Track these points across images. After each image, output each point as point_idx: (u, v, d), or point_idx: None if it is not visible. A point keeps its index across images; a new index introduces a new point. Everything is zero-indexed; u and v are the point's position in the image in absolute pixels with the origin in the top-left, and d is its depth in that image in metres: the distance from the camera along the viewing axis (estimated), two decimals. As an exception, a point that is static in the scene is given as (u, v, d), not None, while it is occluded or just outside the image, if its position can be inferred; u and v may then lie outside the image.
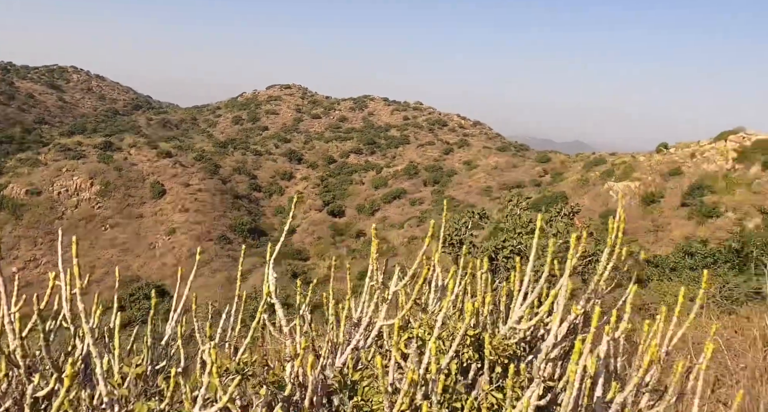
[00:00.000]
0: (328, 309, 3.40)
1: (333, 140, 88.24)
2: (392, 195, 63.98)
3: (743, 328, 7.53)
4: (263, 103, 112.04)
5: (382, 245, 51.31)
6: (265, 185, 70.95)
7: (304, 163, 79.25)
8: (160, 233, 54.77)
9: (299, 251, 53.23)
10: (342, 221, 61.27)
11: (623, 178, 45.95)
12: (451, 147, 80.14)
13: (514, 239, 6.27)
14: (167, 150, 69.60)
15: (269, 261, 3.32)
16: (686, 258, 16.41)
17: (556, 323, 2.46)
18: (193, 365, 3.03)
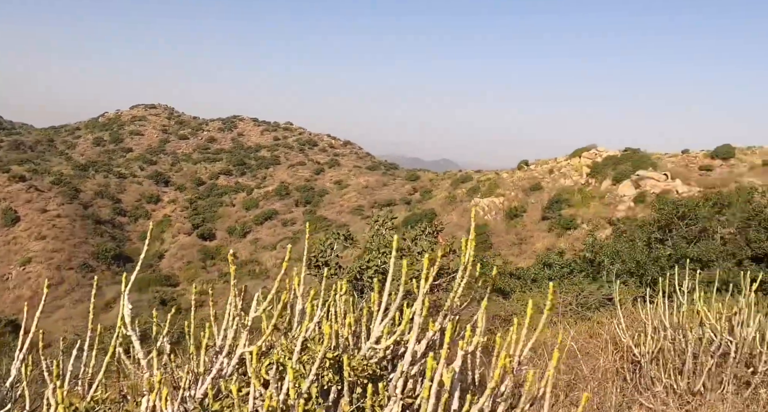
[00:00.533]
0: (190, 337, 3.32)
1: (201, 162, 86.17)
2: (264, 216, 63.25)
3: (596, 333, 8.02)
4: (127, 123, 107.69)
5: (254, 268, 50.29)
6: (131, 209, 68.03)
7: (171, 185, 76.83)
8: (13, 264, 51.12)
9: (168, 277, 51.36)
10: (212, 244, 59.80)
11: (488, 194, 47.85)
12: (322, 167, 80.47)
13: (378, 259, 6.38)
14: (20, 174, 65.24)
15: (124, 292, 3.22)
16: (545, 269, 17.31)
17: (412, 341, 2.53)
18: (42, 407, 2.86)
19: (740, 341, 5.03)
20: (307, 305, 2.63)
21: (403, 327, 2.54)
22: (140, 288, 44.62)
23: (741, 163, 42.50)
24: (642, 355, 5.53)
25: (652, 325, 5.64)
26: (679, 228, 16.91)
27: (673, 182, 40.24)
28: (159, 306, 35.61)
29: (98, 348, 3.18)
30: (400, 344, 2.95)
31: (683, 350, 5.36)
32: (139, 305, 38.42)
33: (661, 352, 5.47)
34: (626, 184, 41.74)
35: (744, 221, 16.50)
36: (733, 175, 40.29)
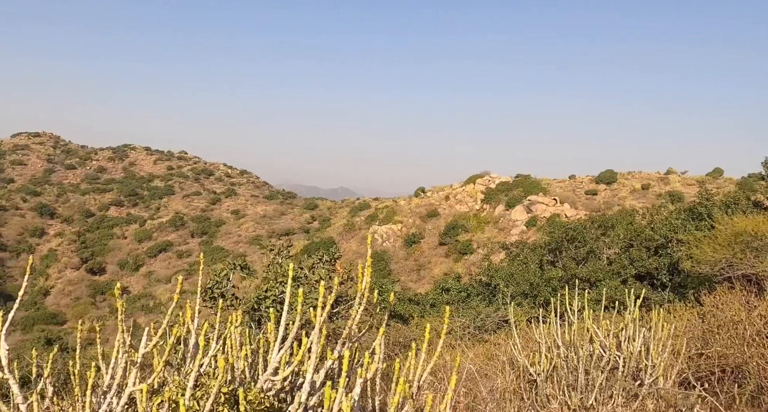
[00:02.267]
0: (75, 378, 3.15)
1: (90, 192, 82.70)
2: (158, 248, 61.25)
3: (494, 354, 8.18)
4: (8, 152, 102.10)
5: (148, 302, 48.53)
6: (12, 243, 64.20)
7: (57, 217, 73.15)
8: None
9: (54, 315, 48.70)
10: (103, 278, 57.29)
11: (386, 221, 48.31)
12: (219, 197, 78.99)
13: (276, 289, 6.28)
14: None
15: (1, 331, 3.03)
16: (443, 294, 17.59)
17: (310, 370, 2.49)
18: None
19: (627, 355, 5.25)
20: (200, 339, 2.55)
21: (300, 356, 2.50)
22: (24, 327, 42.13)
23: (623, 187, 45.00)
24: (537, 374, 5.68)
25: (546, 344, 5.80)
26: (568, 250, 17.62)
27: (562, 206, 42.02)
28: (44, 346, 33.62)
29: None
30: (299, 375, 2.91)
31: (575, 366, 5.54)
32: (22, 346, 36.20)
33: (555, 370, 5.63)
34: (518, 209, 43.22)
35: (627, 241, 17.42)
36: (616, 199, 42.59)
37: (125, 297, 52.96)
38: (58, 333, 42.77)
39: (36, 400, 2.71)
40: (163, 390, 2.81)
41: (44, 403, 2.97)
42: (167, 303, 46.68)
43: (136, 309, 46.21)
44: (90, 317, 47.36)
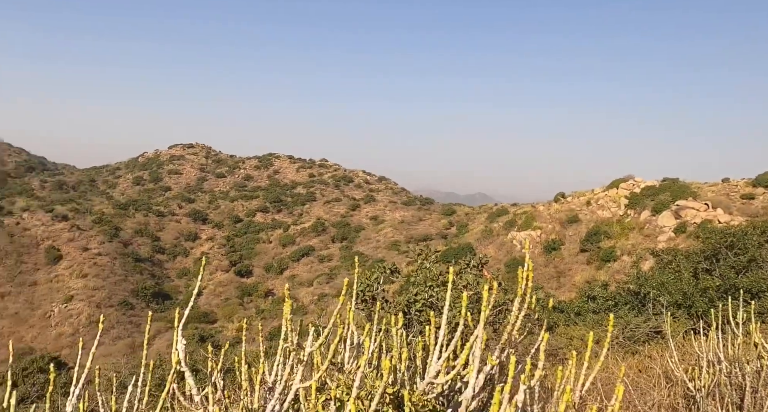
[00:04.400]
0: (241, 374, 3.29)
1: (239, 199, 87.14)
2: (300, 253, 63.47)
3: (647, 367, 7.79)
4: (165, 162, 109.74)
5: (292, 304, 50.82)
6: (169, 247, 68.90)
7: (209, 223, 77.72)
8: (56, 301, 51.93)
9: (206, 314, 51.66)
10: (250, 280, 60.11)
11: (525, 227, 47.43)
12: (358, 203, 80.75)
13: (425, 292, 6.30)
14: (63, 213, 66.73)
15: (177, 328, 3.21)
16: (589, 302, 16.97)
17: (473, 375, 2.47)
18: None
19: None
20: (363, 340, 2.59)
21: (462, 360, 2.48)
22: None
23: (786, 191, 41.58)
24: (697, 389, 5.35)
25: (706, 358, 5.47)
26: (726, 258, 16.47)
27: (715, 211, 39.45)
28: (198, 342, 35.73)
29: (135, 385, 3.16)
30: (455, 380, 2.89)
31: (741, 384, 5.18)
32: (178, 342, 38.71)
33: (718, 386, 5.30)
34: (666, 214, 41.03)
35: (794, 250, 16.05)
36: (777, 204, 39.42)
37: (270, 299, 55.26)
38: (210, 331, 45.36)
39: (210, 391, 2.85)
40: (326, 389, 2.88)
41: (216, 395, 3.12)
42: (309, 306, 48.30)
43: (280, 311, 48.02)
44: (238, 317, 49.87)
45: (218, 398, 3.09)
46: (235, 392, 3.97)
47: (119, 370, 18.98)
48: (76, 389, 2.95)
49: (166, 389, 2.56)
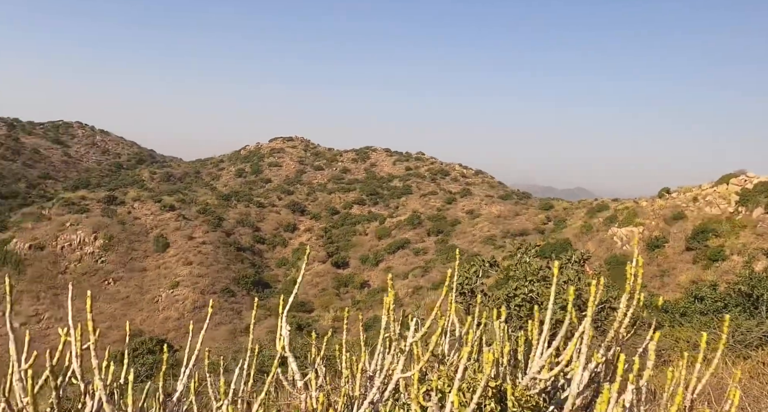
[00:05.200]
0: (341, 362, 3.33)
1: (336, 191, 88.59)
2: (396, 245, 63.86)
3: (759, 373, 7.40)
4: (266, 155, 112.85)
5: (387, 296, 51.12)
6: (269, 237, 70.92)
7: (307, 214, 79.41)
8: (163, 287, 54.48)
9: (303, 303, 52.86)
10: (346, 272, 61.04)
11: (626, 223, 45.91)
12: (454, 196, 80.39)
13: (525, 287, 6.19)
14: (171, 203, 69.87)
15: (282, 315, 3.28)
16: (696, 303, 16.24)
17: (579, 372, 2.40)
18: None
19: None
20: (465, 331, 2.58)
21: (568, 356, 2.42)
22: (277, 313, 46.11)
23: None
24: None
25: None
26: None
27: (837, 211, 36.93)
28: (295, 331, 36.62)
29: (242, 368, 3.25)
30: (557, 376, 2.83)
31: None
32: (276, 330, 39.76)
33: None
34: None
35: None
36: None
37: (365, 291, 55.94)
38: (306, 320, 46.40)
39: (313, 377, 2.90)
40: (426, 380, 2.88)
41: (318, 380, 3.17)
42: (404, 298, 48.54)
43: (375, 302, 48.60)
44: (334, 307, 50.78)
45: (320, 384, 3.15)
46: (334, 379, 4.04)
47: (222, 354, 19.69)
48: (186, 369, 3.07)
49: (271, 373, 2.63)
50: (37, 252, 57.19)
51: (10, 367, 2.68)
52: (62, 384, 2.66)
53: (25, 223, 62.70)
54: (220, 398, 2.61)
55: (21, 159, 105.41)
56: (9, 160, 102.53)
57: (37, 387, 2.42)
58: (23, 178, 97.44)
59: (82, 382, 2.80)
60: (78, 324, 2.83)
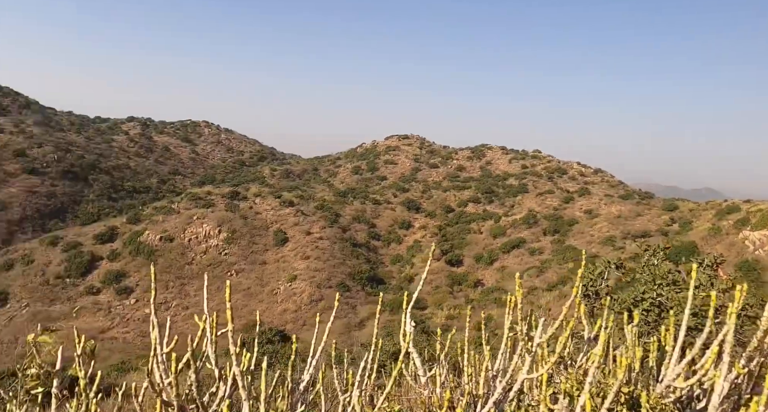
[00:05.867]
0: (463, 360, 3.32)
1: (451, 189, 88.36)
2: (511, 245, 62.95)
3: None
4: (382, 153, 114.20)
5: (500, 296, 50.02)
6: (384, 234, 71.75)
7: (422, 212, 79.67)
8: (281, 280, 56.30)
9: (417, 300, 52.83)
10: (460, 270, 60.77)
11: (760, 226, 43.15)
12: (572, 196, 78.31)
13: (653, 291, 5.92)
14: (290, 199, 72.12)
15: (406, 311, 3.31)
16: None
17: (719, 382, 2.28)
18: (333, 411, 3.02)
19: None
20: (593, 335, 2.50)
21: (709, 364, 2.30)
22: (392, 309, 46.62)
23: None
24: None
25: None
26: None
27: None
28: (408, 328, 36.86)
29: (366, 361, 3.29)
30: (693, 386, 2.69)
31: None
32: (391, 325, 40.16)
33: None
34: None
35: None
36: None
37: (479, 290, 55.49)
38: (420, 317, 46.59)
39: (438, 373, 2.91)
40: (553, 382, 2.82)
41: (442, 378, 3.17)
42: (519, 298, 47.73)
43: (489, 301, 48.10)
44: (447, 305, 50.69)
45: (443, 381, 3.15)
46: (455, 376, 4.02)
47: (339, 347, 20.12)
48: (313, 360, 3.15)
49: (396, 367, 2.65)
50: (167, 243, 60.59)
51: (153, 350, 2.85)
52: (200, 368, 2.80)
53: (157, 216, 66.61)
54: (347, 389, 2.66)
55: (153, 156, 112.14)
56: (142, 157, 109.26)
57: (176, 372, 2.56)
58: (155, 174, 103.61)
59: (216, 367, 2.94)
60: (213, 312, 2.97)
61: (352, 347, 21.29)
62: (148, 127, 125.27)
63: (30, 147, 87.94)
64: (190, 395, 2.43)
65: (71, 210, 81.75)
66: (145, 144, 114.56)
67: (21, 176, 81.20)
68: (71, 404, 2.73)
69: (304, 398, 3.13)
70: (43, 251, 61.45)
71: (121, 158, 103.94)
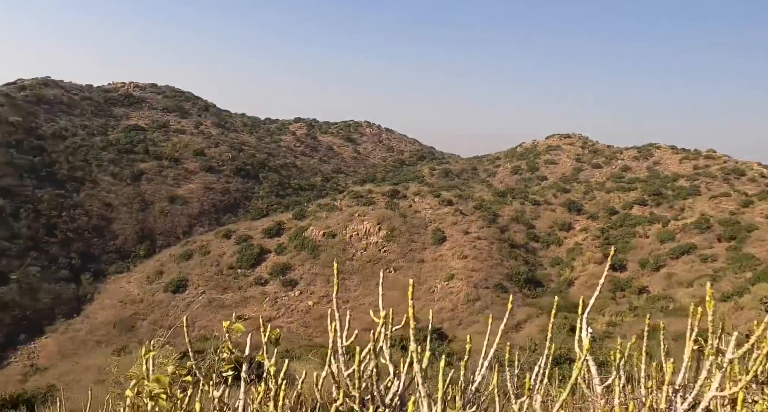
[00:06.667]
0: (640, 371, 3.19)
1: (615, 191, 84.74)
2: (680, 250, 59.33)
3: None
4: (542, 153, 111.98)
5: (667, 304, 47.41)
6: (543, 235, 70.20)
7: (583, 213, 77.04)
8: (438, 278, 56.72)
9: (576, 305, 51.42)
10: (623, 275, 58.15)
11: None
12: (751, 199, 72.43)
13: None
14: (448, 199, 72.46)
15: (582, 315, 3.23)
16: None
17: None
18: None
19: None
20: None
21: None
22: (549, 312, 45.55)
23: None
24: None
25: None
26: None
27: None
28: (568, 333, 35.86)
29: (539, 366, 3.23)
30: None
31: None
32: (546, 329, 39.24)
33: None
34: None
35: None
36: None
37: (644, 297, 52.81)
38: (579, 323, 45.09)
39: (616, 383, 2.81)
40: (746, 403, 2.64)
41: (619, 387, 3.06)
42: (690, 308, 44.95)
43: (654, 310, 45.66)
44: (609, 311, 48.71)
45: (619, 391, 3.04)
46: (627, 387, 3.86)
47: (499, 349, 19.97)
48: (485, 361, 3.15)
49: (574, 374, 2.59)
50: (329, 239, 63.01)
51: (331, 343, 2.97)
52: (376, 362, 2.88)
53: (320, 212, 69.48)
54: (522, 393, 2.64)
55: (317, 155, 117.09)
56: (308, 156, 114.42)
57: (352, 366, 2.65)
58: (319, 173, 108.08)
59: (391, 363, 3.01)
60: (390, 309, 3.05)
61: (510, 349, 21.03)
62: (313, 128, 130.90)
63: (208, 147, 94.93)
64: (370, 389, 2.51)
65: (243, 205, 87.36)
66: (311, 144, 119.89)
67: (199, 174, 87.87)
68: (258, 388, 2.90)
69: (476, 398, 3.13)
70: (217, 243, 66.14)
71: (288, 157, 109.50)
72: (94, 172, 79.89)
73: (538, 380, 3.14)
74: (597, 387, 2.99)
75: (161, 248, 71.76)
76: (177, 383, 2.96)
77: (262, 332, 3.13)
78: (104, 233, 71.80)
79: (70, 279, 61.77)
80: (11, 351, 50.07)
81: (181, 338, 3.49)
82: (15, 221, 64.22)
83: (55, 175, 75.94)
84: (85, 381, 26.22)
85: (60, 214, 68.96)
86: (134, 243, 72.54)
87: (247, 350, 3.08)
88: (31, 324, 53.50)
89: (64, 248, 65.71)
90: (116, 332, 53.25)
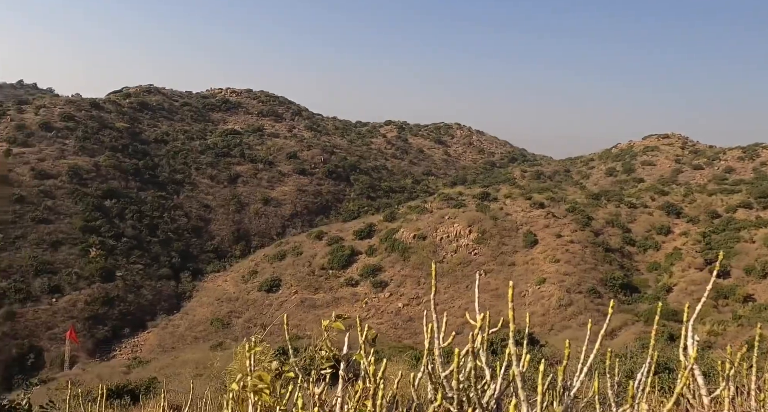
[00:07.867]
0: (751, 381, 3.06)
1: (717, 193, 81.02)
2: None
3: None
4: (639, 154, 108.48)
5: None
6: (639, 239, 67.81)
7: (683, 217, 73.95)
8: (530, 282, 55.82)
9: (675, 312, 49.48)
10: (726, 282, 55.46)
11: None
12: None
13: None
14: (540, 201, 71.21)
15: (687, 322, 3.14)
16: None
17: None
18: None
19: None
20: None
21: None
22: (647, 320, 44.12)
23: None
24: None
25: None
26: None
27: None
28: (666, 341, 34.56)
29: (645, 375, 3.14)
30: None
31: None
32: (646, 336, 37.97)
33: None
34: None
35: None
36: None
37: (749, 305, 50.23)
38: (678, 330, 43.34)
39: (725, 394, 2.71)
40: None
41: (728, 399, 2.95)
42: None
43: (761, 320, 43.40)
44: (710, 320, 46.59)
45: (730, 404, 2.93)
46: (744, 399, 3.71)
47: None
48: (584, 366, 3.09)
49: (680, 383, 2.50)
50: (420, 241, 63.13)
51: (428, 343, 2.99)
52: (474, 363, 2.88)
53: (411, 214, 69.74)
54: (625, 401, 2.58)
55: (408, 157, 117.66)
56: (398, 158, 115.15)
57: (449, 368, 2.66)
58: (409, 175, 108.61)
59: (487, 366, 3.01)
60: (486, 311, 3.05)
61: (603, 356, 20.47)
62: (404, 130, 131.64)
63: (300, 150, 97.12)
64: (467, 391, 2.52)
65: (334, 207, 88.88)
66: (401, 146, 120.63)
67: (293, 176, 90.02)
68: (356, 386, 2.96)
69: (575, 405, 3.08)
70: (309, 244, 67.53)
71: (378, 160, 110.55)
72: (193, 175, 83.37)
73: (640, 389, 3.06)
74: (704, 398, 2.89)
75: (256, 248, 74.07)
76: (278, 379, 3.05)
77: (359, 332, 3.18)
78: (202, 234, 74.79)
79: (171, 277, 64.72)
80: (116, 344, 53.01)
81: (274, 336, 3.60)
82: (121, 221, 67.82)
83: (157, 178, 79.76)
84: (184, 375, 27.38)
85: (161, 215, 72.39)
86: (230, 243, 75.18)
87: (345, 348, 3.14)
88: (134, 319, 56.40)
89: (165, 247, 68.84)
90: (213, 328, 55.27)
